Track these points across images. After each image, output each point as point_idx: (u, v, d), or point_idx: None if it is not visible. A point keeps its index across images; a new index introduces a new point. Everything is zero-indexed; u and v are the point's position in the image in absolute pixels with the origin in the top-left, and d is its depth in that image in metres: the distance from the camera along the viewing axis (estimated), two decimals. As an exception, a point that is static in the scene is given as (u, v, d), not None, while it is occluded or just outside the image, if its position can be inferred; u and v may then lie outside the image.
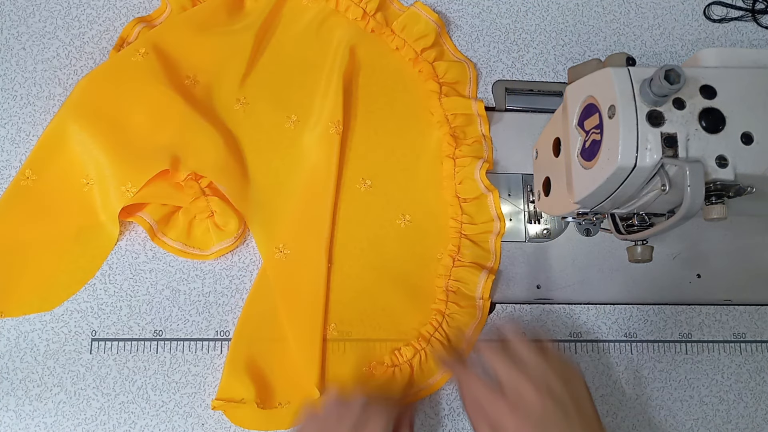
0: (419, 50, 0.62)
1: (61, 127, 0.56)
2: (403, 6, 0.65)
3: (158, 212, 0.55)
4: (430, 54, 0.62)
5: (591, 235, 0.62)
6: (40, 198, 0.55)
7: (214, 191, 0.56)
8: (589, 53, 0.67)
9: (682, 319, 0.60)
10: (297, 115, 0.60)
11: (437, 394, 0.56)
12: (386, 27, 0.63)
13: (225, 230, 0.55)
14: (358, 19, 0.62)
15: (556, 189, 0.53)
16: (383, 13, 0.63)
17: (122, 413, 0.53)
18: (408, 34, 0.62)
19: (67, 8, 0.61)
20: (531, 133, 0.63)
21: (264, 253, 0.56)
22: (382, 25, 0.63)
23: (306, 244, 0.57)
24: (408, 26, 0.62)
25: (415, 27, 0.62)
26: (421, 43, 0.62)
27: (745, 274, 0.62)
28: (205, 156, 0.55)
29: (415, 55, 0.62)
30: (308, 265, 0.56)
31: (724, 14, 0.70)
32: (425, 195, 0.60)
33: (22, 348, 0.54)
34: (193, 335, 0.55)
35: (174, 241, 0.56)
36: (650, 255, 0.50)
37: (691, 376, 0.59)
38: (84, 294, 0.55)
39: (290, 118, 0.60)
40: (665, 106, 0.41)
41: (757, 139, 0.42)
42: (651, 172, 0.41)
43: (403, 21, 0.62)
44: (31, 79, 0.59)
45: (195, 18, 0.60)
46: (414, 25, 0.62)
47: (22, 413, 0.52)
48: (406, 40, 0.62)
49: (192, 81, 0.59)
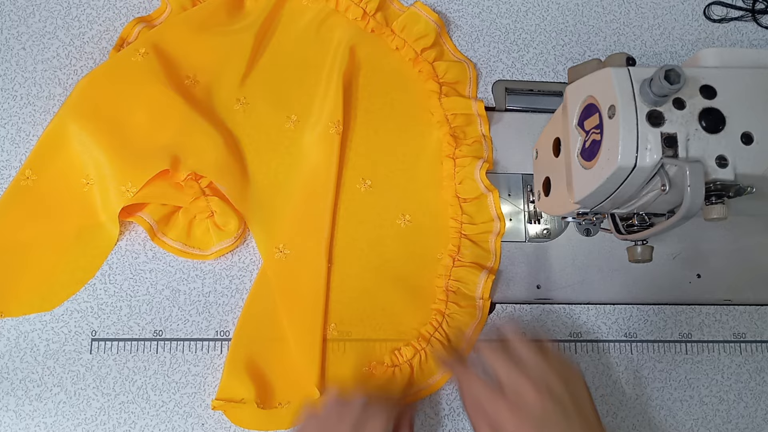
0: (419, 50, 0.62)
1: (61, 126, 0.56)
2: (403, 6, 0.65)
3: (158, 212, 0.55)
4: (430, 54, 0.62)
5: (591, 235, 0.62)
6: (40, 198, 0.55)
7: (214, 191, 0.56)
8: (589, 53, 0.67)
9: (682, 319, 0.60)
10: (297, 114, 0.60)
11: (437, 394, 0.56)
12: (386, 27, 0.63)
13: (225, 230, 0.55)
14: (358, 19, 0.62)
15: (556, 189, 0.53)
16: (383, 13, 0.63)
17: (122, 413, 0.53)
18: (408, 34, 0.62)
19: (67, 8, 0.61)
20: (531, 133, 0.63)
21: (264, 253, 0.56)
22: (382, 25, 0.63)
23: (306, 244, 0.57)
24: (408, 26, 0.62)
25: (415, 27, 0.62)
26: (421, 43, 0.62)
27: (745, 274, 0.62)
28: (204, 156, 0.55)
29: (415, 55, 0.62)
30: (308, 265, 0.56)
31: (724, 14, 0.70)
32: (425, 195, 0.60)
33: (22, 348, 0.54)
34: (193, 335, 0.55)
35: (174, 241, 0.56)
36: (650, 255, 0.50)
37: (691, 376, 0.59)
38: (84, 294, 0.55)
39: (290, 118, 0.60)
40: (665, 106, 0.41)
41: (757, 139, 0.42)
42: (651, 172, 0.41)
43: (403, 21, 0.62)
44: (31, 79, 0.59)
45: (195, 18, 0.60)
46: (414, 25, 0.62)
47: (22, 413, 0.52)
48: (406, 40, 0.62)
49: (192, 81, 0.59)
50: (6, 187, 0.55)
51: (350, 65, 0.61)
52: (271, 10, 0.62)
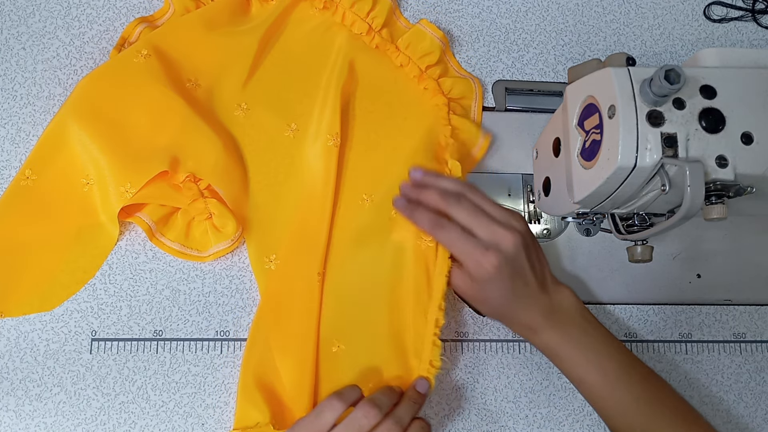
0: (423, 67, 0.62)
1: (62, 126, 0.55)
2: (409, 23, 0.64)
3: (157, 213, 0.55)
4: (435, 71, 0.62)
5: (591, 235, 0.62)
6: (40, 198, 0.55)
7: (213, 193, 0.56)
8: (589, 53, 0.67)
9: (682, 319, 0.60)
10: (297, 123, 0.59)
11: (437, 394, 0.56)
12: (391, 44, 0.62)
13: (223, 232, 0.55)
14: (363, 34, 0.62)
15: (556, 189, 0.53)
16: (389, 30, 0.62)
17: (122, 413, 0.53)
18: (413, 51, 0.62)
19: (67, 8, 0.61)
20: (531, 133, 0.63)
21: (253, 261, 0.56)
22: (387, 42, 0.62)
23: (298, 257, 0.56)
24: (413, 44, 0.61)
25: (420, 44, 0.61)
26: (426, 60, 0.61)
27: (745, 274, 0.62)
28: (204, 158, 0.55)
29: (419, 72, 0.62)
30: (298, 278, 0.55)
31: (724, 14, 0.70)
32: None
33: (22, 348, 0.54)
34: (193, 335, 0.55)
35: (172, 242, 0.55)
36: (650, 255, 0.50)
37: (691, 376, 0.59)
38: (84, 294, 0.55)
39: (290, 126, 0.60)
40: (665, 106, 0.41)
41: (757, 139, 0.42)
42: (651, 172, 0.42)
43: (409, 38, 0.62)
44: (31, 79, 0.59)
45: (198, 20, 0.59)
46: (419, 42, 0.61)
47: (22, 413, 0.52)
48: (410, 57, 0.62)
49: (193, 84, 0.59)
50: (6, 187, 0.55)
51: (349, 78, 0.60)
52: (277, 17, 0.61)
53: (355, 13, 0.61)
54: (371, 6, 0.61)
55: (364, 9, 0.61)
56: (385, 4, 0.62)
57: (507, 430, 0.56)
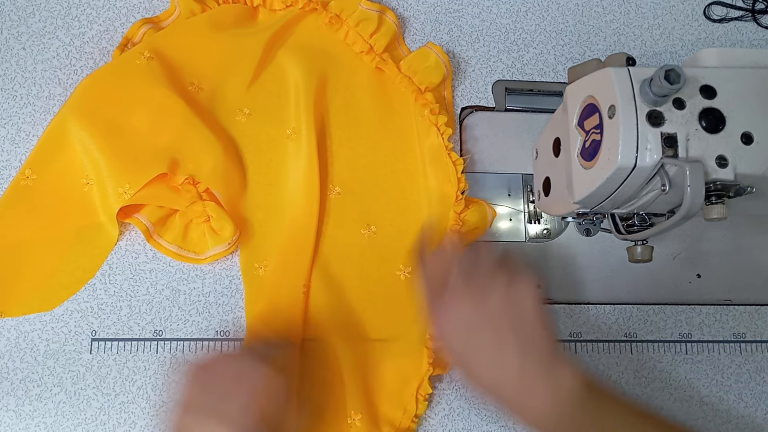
0: (423, 88, 0.61)
1: (62, 126, 0.55)
2: (409, 51, 0.64)
3: (155, 214, 0.55)
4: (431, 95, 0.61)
5: (591, 235, 0.62)
6: (40, 198, 0.55)
7: (211, 196, 0.56)
8: (589, 53, 0.67)
9: (682, 319, 0.60)
10: (291, 129, 0.60)
11: (437, 394, 0.56)
12: (392, 63, 0.61)
13: (220, 235, 0.55)
14: (363, 53, 0.61)
15: (556, 189, 0.53)
16: (390, 54, 0.62)
17: (122, 413, 0.53)
18: (414, 72, 0.61)
19: (67, 8, 0.61)
20: (531, 133, 0.63)
21: (243, 265, 0.57)
22: (387, 63, 0.61)
23: (288, 264, 0.56)
24: (413, 65, 0.61)
25: (423, 65, 0.61)
26: (426, 82, 0.61)
27: (745, 274, 0.62)
28: (203, 161, 0.55)
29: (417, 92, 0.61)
30: (285, 287, 0.56)
31: (724, 14, 0.70)
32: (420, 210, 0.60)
33: (22, 348, 0.54)
34: (193, 335, 0.55)
35: (170, 244, 0.55)
36: (650, 255, 0.50)
37: (691, 376, 0.59)
38: (84, 294, 0.55)
39: (286, 132, 0.60)
40: (665, 106, 0.41)
41: (757, 139, 0.42)
42: (651, 172, 0.42)
43: (412, 59, 0.61)
44: (31, 79, 0.59)
45: (205, 23, 0.59)
46: (423, 62, 0.61)
47: (22, 413, 0.52)
48: (411, 77, 0.61)
49: (196, 88, 0.59)
50: (6, 187, 0.55)
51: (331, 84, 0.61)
52: (284, 24, 0.61)
53: (358, 33, 0.61)
54: (376, 26, 0.61)
55: (368, 29, 0.61)
56: (389, 28, 0.62)
57: (507, 430, 0.56)
